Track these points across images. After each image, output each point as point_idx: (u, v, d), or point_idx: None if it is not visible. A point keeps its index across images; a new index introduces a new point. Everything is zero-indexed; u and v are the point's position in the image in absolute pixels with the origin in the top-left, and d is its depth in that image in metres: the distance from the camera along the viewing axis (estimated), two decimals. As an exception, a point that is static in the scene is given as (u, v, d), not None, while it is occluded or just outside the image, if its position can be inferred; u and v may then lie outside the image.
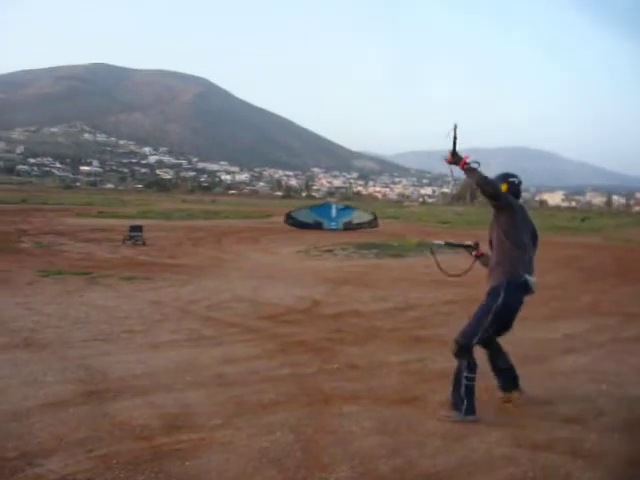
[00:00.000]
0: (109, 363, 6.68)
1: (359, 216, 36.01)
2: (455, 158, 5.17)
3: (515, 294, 5.25)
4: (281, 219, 36.10)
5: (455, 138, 5.16)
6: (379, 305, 11.01)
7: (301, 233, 30.70)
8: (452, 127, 5.16)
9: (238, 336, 8.21)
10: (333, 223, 34.21)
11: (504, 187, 5.51)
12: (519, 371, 5.60)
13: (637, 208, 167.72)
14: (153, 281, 13.17)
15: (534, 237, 5.56)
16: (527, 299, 5.36)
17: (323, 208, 36.53)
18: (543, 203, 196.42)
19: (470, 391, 5.14)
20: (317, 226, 33.56)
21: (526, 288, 5.29)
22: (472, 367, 5.18)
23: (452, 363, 5.29)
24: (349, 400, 5.57)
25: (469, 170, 5.16)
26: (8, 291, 11.31)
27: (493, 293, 5.24)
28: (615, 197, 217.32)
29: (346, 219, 34.82)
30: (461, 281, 6.30)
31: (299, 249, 22.24)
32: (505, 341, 5.49)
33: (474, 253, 5.82)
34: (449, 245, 6.38)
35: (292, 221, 34.41)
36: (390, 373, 6.61)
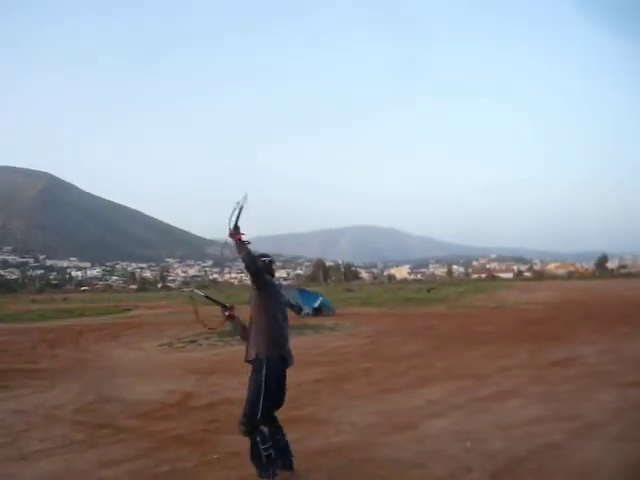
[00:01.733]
0: (-24, 480, 6.42)
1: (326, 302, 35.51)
2: (234, 231, 5.65)
3: (276, 366, 5.75)
4: (140, 312, 35.24)
5: (240, 210, 5.65)
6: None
7: (161, 326, 30.14)
8: (240, 199, 5.65)
9: (111, 437, 8.07)
10: (307, 308, 33.73)
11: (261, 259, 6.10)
12: (390, 439, 5.97)
13: (475, 276, 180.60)
14: (12, 389, 12.56)
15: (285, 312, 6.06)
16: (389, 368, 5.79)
17: (312, 296, 35.83)
18: (391, 277, 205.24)
19: (270, 458, 5.57)
20: (297, 309, 32.75)
21: (284, 360, 5.92)
22: (265, 438, 5.63)
23: (329, 440, 5.56)
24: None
25: (241, 245, 5.64)
26: None
27: (257, 368, 5.71)
28: (455, 267, 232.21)
29: (316, 304, 34.32)
30: (325, 361, 6.60)
31: (162, 342, 21.88)
32: (373, 412, 5.86)
33: (227, 313, 6.12)
34: (208, 298, 6.58)
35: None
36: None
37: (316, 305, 34.19)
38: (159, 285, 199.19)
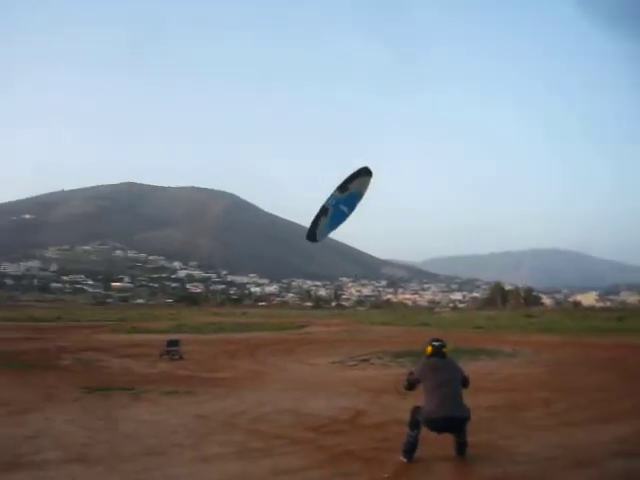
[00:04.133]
0: (162, 477, 6.80)
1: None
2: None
3: (435, 422, 7.59)
4: (315, 329, 35.94)
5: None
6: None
7: (335, 344, 30.57)
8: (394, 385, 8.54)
9: (285, 448, 8.26)
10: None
11: (429, 348, 8.28)
12: (570, 475, 5.61)
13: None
14: (195, 395, 13.28)
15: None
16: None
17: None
18: (577, 304, 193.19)
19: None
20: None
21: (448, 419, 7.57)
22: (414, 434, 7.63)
23: (504, 469, 5.32)
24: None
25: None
26: (56, 407, 11.51)
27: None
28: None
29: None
30: (501, 388, 6.37)
31: (335, 359, 22.23)
32: (553, 444, 5.54)
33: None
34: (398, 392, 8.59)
35: None
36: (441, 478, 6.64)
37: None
38: (333, 303, 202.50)
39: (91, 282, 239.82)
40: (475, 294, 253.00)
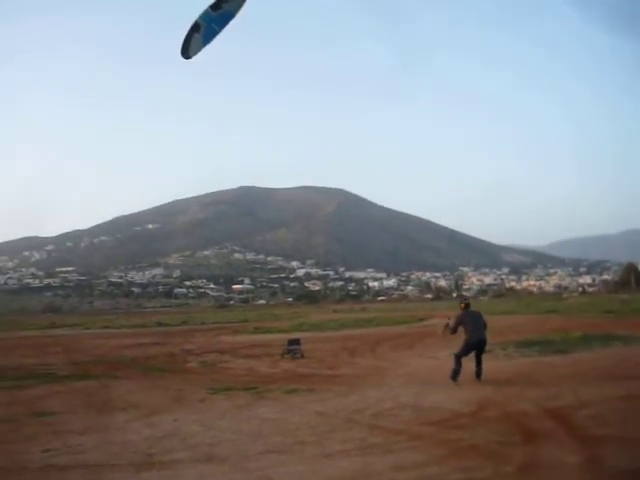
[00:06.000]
0: (286, 474, 6.93)
1: None
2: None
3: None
4: (435, 322, 35.44)
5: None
6: (548, 404, 10.61)
7: (456, 335, 30.09)
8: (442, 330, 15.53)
9: (405, 443, 8.22)
10: None
11: (463, 305, 15.28)
12: None
13: None
14: (316, 393, 13.43)
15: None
16: None
17: None
18: None
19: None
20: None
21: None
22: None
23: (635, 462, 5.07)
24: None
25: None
26: (183, 408, 11.98)
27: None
28: None
29: None
30: (637, 374, 6.01)
31: (456, 351, 21.87)
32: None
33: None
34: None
35: None
36: (568, 474, 6.40)
37: None
38: (454, 294, 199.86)
39: (213, 286, 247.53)
40: (605, 276, 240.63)
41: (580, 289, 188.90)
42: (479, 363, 14.16)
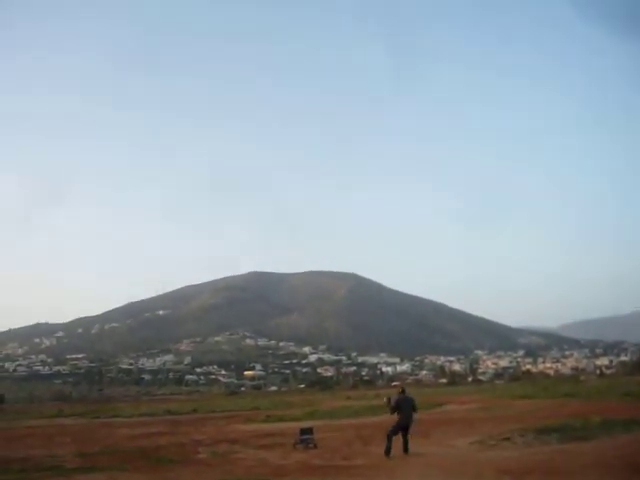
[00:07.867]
0: None
1: None
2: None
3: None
4: (451, 408, 34.69)
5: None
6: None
7: (473, 422, 29.37)
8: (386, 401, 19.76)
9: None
10: None
11: (400, 390, 19.95)
12: None
13: None
14: (329, 485, 12.94)
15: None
16: None
17: None
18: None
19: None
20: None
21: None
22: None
23: None
24: None
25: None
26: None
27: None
28: None
29: None
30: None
31: (474, 439, 21.27)
32: None
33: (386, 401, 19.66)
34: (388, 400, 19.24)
35: None
36: None
37: None
38: (469, 379, 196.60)
39: (224, 372, 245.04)
40: (623, 358, 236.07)
41: (597, 371, 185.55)
42: (406, 441, 18.44)
